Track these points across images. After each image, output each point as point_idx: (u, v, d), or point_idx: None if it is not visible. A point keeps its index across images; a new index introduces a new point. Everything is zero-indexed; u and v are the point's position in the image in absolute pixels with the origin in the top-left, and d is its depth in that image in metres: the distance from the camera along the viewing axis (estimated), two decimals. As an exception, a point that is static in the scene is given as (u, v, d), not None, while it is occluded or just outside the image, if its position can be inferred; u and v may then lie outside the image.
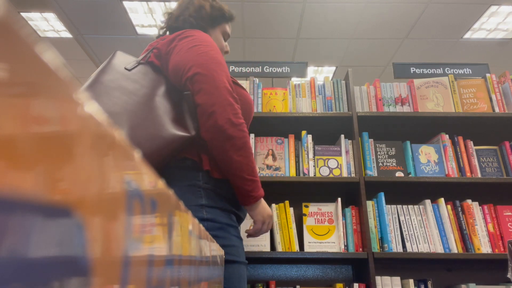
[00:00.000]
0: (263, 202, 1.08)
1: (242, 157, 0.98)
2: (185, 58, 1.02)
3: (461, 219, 1.83)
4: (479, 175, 1.92)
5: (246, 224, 1.81)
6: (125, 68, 1.04)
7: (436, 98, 2.06)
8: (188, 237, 0.35)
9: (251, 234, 1.13)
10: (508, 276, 1.18)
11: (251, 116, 1.21)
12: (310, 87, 2.06)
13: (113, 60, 1.06)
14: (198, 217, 0.98)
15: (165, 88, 1.05)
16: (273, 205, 1.82)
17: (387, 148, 1.95)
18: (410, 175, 1.90)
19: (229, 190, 1.05)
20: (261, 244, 1.78)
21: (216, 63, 1.02)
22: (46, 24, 4.34)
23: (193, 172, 1.03)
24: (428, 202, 1.85)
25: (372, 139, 1.96)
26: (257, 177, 1.03)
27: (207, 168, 1.03)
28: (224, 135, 0.96)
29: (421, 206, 1.86)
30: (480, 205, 1.88)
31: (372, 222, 1.78)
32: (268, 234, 1.80)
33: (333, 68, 5.04)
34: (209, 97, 0.97)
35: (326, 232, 1.82)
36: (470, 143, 1.98)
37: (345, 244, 1.77)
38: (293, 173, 1.88)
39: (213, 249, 0.59)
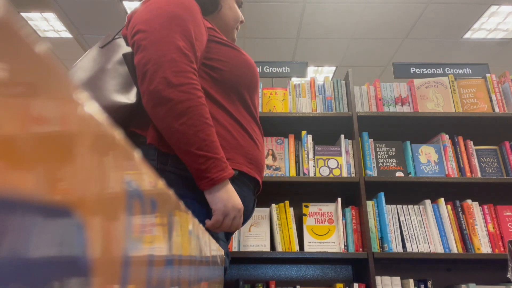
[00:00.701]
0: (229, 188, 0.83)
1: (185, 126, 0.79)
2: (135, 18, 0.90)
3: (461, 219, 1.83)
4: (479, 175, 1.92)
5: (246, 224, 1.81)
6: (99, 47, 0.97)
7: (436, 98, 2.06)
8: (188, 237, 0.35)
9: (208, 226, 0.84)
10: (508, 276, 1.18)
11: (253, 82, 1.02)
12: (310, 87, 2.06)
13: (98, 44, 1.00)
14: None
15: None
16: (273, 205, 1.82)
17: (387, 148, 1.95)
18: (410, 175, 1.90)
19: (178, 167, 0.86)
20: (261, 244, 1.78)
21: (168, 17, 0.86)
22: (46, 24, 4.34)
23: (146, 149, 0.86)
24: (428, 202, 1.85)
25: (372, 139, 1.96)
26: (216, 154, 0.81)
27: (152, 142, 0.86)
28: (158, 98, 0.79)
29: (421, 206, 1.86)
30: (480, 205, 1.88)
31: (372, 222, 1.78)
32: (268, 234, 1.80)
33: (333, 68, 5.04)
34: (144, 54, 0.81)
35: (326, 232, 1.82)
36: (470, 143, 1.98)
37: (345, 244, 1.77)
38: (293, 173, 1.88)
39: (213, 249, 0.59)
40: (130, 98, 0.86)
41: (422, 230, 1.80)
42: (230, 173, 0.83)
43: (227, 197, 0.83)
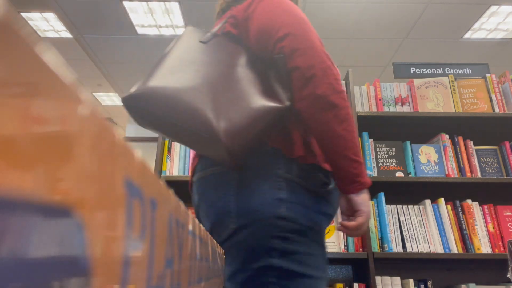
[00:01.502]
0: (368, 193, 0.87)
1: (346, 132, 0.82)
2: (270, 20, 0.89)
3: (461, 219, 1.83)
4: (479, 175, 1.92)
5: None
6: (200, 41, 0.93)
7: (436, 98, 2.06)
8: (188, 237, 0.35)
9: (347, 227, 0.87)
10: (508, 276, 1.18)
11: None
12: (310, 87, 2.05)
13: (184, 35, 0.95)
14: (274, 214, 0.81)
15: (247, 57, 0.92)
16: (273, 205, 1.82)
17: (387, 148, 1.95)
18: (410, 175, 1.90)
19: (319, 181, 0.86)
20: (261, 244, 1.78)
21: (306, 22, 0.89)
22: (46, 24, 4.34)
23: (273, 158, 0.86)
24: (428, 202, 1.85)
25: (372, 139, 1.96)
26: (361, 159, 0.85)
27: (300, 154, 0.85)
28: (325, 103, 0.81)
29: (421, 206, 1.86)
30: (480, 205, 1.88)
31: (372, 222, 1.78)
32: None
33: (333, 68, 5.04)
34: (307, 59, 0.83)
35: (326, 232, 1.82)
36: (470, 143, 1.98)
37: (345, 244, 1.77)
38: (293, 173, 1.88)
39: (213, 249, 0.59)
40: (282, 101, 0.84)
41: (422, 230, 1.80)
42: (369, 180, 0.88)
43: (369, 201, 0.88)
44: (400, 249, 1.76)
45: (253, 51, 0.93)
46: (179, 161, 1.89)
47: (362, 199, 0.85)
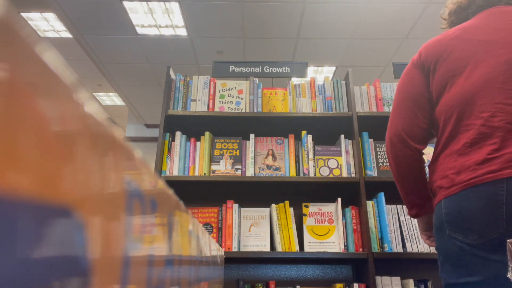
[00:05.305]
0: None
1: None
2: None
3: (461, 219, 1.82)
4: (479, 175, 1.91)
5: (246, 224, 1.81)
6: None
7: (436, 98, 2.06)
8: (188, 237, 0.35)
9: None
10: (508, 276, 1.17)
11: None
12: (310, 87, 2.06)
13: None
14: None
15: None
16: (273, 205, 1.83)
17: (387, 148, 1.95)
18: (410, 175, 1.90)
19: None
20: (261, 244, 1.78)
21: None
22: (46, 24, 4.34)
23: None
24: (428, 202, 1.85)
25: (372, 139, 1.96)
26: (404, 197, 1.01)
27: None
28: None
29: (421, 206, 1.86)
30: (480, 205, 1.87)
31: (372, 222, 1.78)
32: (268, 234, 1.80)
33: (333, 68, 5.04)
34: None
35: (326, 232, 1.82)
36: (470, 143, 1.98)
37: (345, 244, 1.77)
38: (293, 173, 1.88)
39: (213, 249, 0.59)
40: None
41: (422, 230, 1.80)
42: None
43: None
44: (400, 249, 1.76)
45: None
46: (179, 161, 1.89)
47: None
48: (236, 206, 1.82)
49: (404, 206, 1.85)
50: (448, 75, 0.99)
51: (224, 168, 1.88)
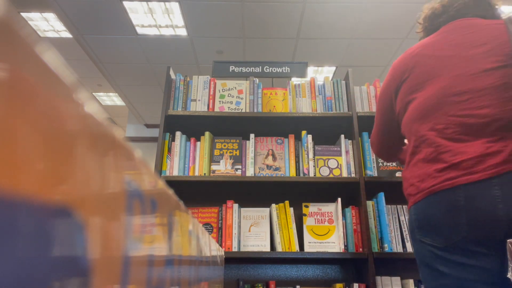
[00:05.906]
0: None
1: None
2: None
3: (461, 219, 1.82)
4: (479, 175, 1.91)
5: (246, 224, 1.81)
6: None
7: (436, 98, 2.06)
8: (188, 237, 0.35)
9: None
10: (508, 276, 1.18)
11: None
12: (310, 87, 2.06)
13: None
14: None
15: None
16: (273, 205, 1.83)
17: (387, 148, 1.95)
18: (410, 175, 1.90)
19: None
20: (261, 244, 1.78)
21: None
22: (46, 24, 4.34)
23: None
24: (428, 202, 1.85)
25: (372, 139, 1.96)
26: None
27: None
28: None
29: (421, 206, 1.86)
30: (480, 205, 1.87)
31: (372, 222, 1.78)
32: (268, 234, 1.80)
33: (333, 68, 5.04)
34: None
35: (326, 232, 1.82)
36: (470, 143, 1.98)
37: (345, 244, 1.77)
38: (293, 173, 1.88)
39: (213, 249, 0.59)
40: None
41: (422, 230, 1.80)
42: None
43: None
44: (400, 249, 1.76)
45: None
46: (179, 161, 1.89)
47: None
48: (236, 206, 1.82)
49: (404, 206, 1.85)
50: (411, 90, 1.08)
51: (224, 168, 1.88)
